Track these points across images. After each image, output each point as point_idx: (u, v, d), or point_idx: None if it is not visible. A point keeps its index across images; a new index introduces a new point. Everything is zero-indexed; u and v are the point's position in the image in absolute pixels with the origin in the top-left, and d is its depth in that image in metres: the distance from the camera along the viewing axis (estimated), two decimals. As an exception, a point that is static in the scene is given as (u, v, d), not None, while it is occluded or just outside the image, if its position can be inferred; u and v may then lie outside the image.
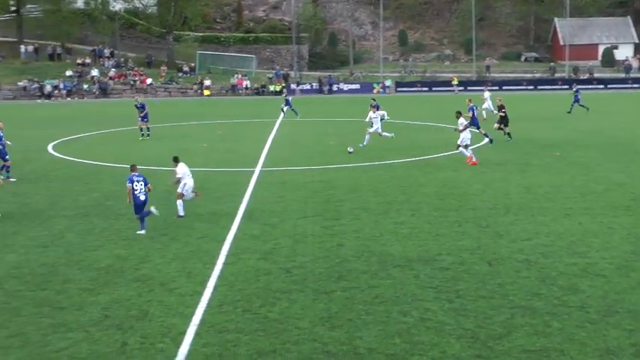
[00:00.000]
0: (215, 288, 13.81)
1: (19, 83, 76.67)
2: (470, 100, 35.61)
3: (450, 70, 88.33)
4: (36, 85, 75.79)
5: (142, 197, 18.30)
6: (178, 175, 19.81)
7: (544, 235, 17.36)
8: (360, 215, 19.76)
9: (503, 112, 34.78)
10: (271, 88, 79.11)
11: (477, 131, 33.71)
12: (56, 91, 75.18)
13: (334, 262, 15.45)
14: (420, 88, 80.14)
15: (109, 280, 14.48)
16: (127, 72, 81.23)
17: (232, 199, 22.08)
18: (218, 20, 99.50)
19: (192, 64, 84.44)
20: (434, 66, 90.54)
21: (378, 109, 39.61)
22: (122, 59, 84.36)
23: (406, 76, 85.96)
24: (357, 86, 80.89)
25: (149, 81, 78.92)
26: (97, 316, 12.43)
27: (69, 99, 74.65)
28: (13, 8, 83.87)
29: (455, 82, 78.04)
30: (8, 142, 26.89)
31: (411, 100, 70.37)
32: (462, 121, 28.79)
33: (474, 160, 28.16)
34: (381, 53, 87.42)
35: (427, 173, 26.20)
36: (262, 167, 28.35)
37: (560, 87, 77.02)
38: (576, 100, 49.28)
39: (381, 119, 35.25)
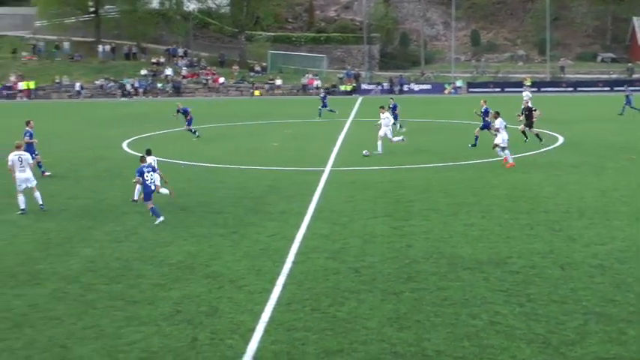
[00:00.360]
0: (284, 286, 13.90)
1: (97, 82, 78.61)
2: (485, 102, 34.77)
3: (523, 70, 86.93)
4: (112, 84, 77.57)
5: (153, 187, 19.53)
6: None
7: (619, 240, 16.92)
8: (429, 216, 19.62)
9: (531, 113, 34.22)
10: (342, 87, 79.17)
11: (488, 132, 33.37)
12: (132, 90, 76.82)
13: (403, 262, 15.38)
14: (492, 89, 79.08)
15: (179, 275, 14.71)
16: (200, 71, 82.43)
17: (302, 198, 22.18)
18: (290, 20, 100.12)
19: (264, 64, 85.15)
20: (506, 67, 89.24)
21: (395, 110, 39.51)
22: (195, 58, 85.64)
23: (478, 76, 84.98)
24: (428, 86, 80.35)
25: (221, 80, 79.90)
26: (169, 311, 12.65)
27: (143, 97, 76.14)
28: (91, 9, 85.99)
29: (527, 82, 76.76)
30: (35, 140, 27.22)
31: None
32: (501, 122, 28.41)
33: (510, 161, 27.75)
34: (452, 53, 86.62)
35: (499, 175, 25.85)
36: (332, 167, 28.40)
37: (638, 88, 74.97)
38: (628, 102, 47.98)
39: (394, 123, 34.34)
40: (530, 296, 13.06)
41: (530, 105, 34.48)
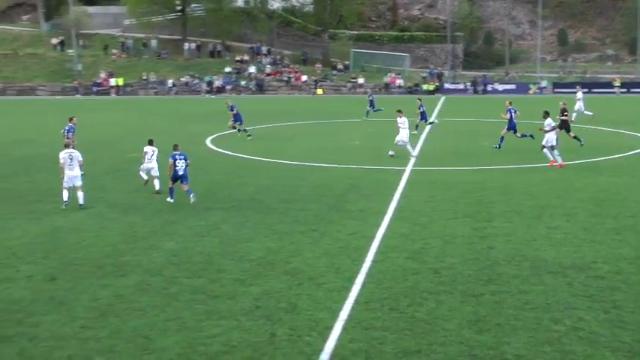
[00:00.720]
0: (363, 285, 13.90)
1: (182, 79, 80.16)
2: (510, 103, 33.78)
3: (613, 71, 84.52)
4: (197, 81, 78.99)
5: (181, 172, 21.50)
6: (144, 152, 23.56)
7: None
8: (512, 218, 19.31)
9: (565, 116, 33.32)
10: (424, 87, 78.60)
11: (514, 134, 32.75)
12: (219, 87, 78.05)
13: (484, 264, 15.18)
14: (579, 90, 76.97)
15: (260, 271, 14.87)
16: (283, 69, 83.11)
17: (382, 197, 22.13)
18: (373, 19, 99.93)
19: (347, 62, 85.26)
20: (594, 67, 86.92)
21: (422, 108, 38.90)
22: (278, 57, 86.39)
23: (565, 76, 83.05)
24: (513, 86, 78.95)
25: (304, 78, 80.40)
26: (248, 306, 12.81)
27: (226, 94, 77.27)
28: (178, 8, 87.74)
29: (617, 83, 74.60)
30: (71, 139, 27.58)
31: (569, 101, 67.82)
32: (550, 122, 27.69)
33: (559, 162, 27.22)
34: (538, 53, 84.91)
35: (584, 177, 25.23)
36: (413, 166, 28.24)
37: None
38: None
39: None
40: (615, 302, 12.71)
41: (564, 107, 33.53)
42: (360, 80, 79.58)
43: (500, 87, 79.17)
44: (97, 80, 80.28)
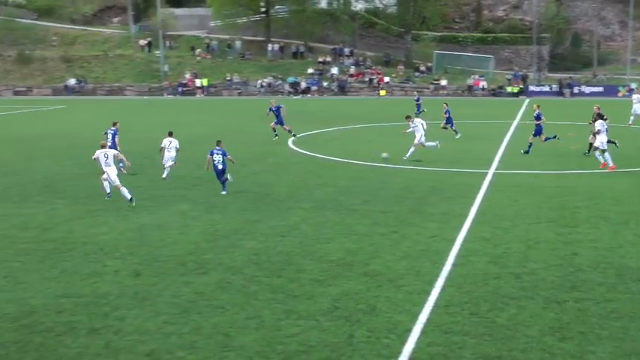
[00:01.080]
0: (443, 288, 13.78)
1: (265, 80, 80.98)
2: (538, 106, 32.81)
3: None
4: (280, 82, 79.68)
5: (220, 166, 23.31)
6: (162, 145, 25.67)
7: None
8: (598, 224, 18.82)
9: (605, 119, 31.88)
10: (508, 89, 77.31)
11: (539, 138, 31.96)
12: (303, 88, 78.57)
13: (568, 270, 14.84)
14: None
15: (339, 272, 14.91)
16: (365, 70, 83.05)
17: (464, 200, 21.89)
18: (457, 20, 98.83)
19: (429, 64, 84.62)
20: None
21: (448, 114, 38.05)
22: (361, 58, 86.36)
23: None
24: (600, 89, 76.81)
25: (386, 79, 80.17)
26: (327, 307, 12.85)
27: (309, 96, 77.69)
28: (262, 9, 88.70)
29: None
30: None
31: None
32: (601, 124, 26.82)
33: (610, 164, 26.63)
34: (628, 54, 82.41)
35: (675, 183, 24.40)
36: (496, 169, 27.83)
37: None
38: None
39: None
40: None
41: (600, 112, 31.98)
42: (443, 82, 78.83)
43: (587, 89, 77.15)
44: (183, 81, 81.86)
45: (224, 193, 23.33)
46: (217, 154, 23.43)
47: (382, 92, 77.42)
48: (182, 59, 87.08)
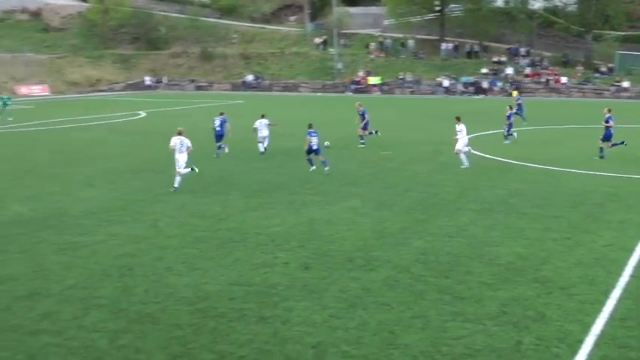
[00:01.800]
0: (619, 300, 13.15)
1: (437, 79, 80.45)
2: (609, 110, 31.24)
3: None
4: (453, 82, 78.86)
5: (315, 147, 26.61)
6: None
7: None
8: None
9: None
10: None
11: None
12: (469, 88, 77.48)
13: None
14: None
15: (508, 277, 14.58)
16: (542, 71, 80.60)
17: (644, 209, 20.79)
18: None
19: (611, 65, 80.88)
20: None
21: (510, 119, 36.05)
22: (537, 58, 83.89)
23: None
24: None
25: (563, 80, 77.46)
26: (495, 311, 12.61)
27: (482, 96, 76.38)
28: (437, 8, 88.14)
29: None
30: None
31: None
32: None
33: None
34: None
35: None
36: (681, 177, 26.21)
37: None
38: None
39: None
40: None
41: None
42: (625, 84, 75.08)
43: None
44: (356, 79, 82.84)
45: (314, 168, 26.71)
46: (314, 136, 26.62)
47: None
48: (356, 57, 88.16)
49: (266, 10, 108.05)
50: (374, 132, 35.42)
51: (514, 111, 38.74)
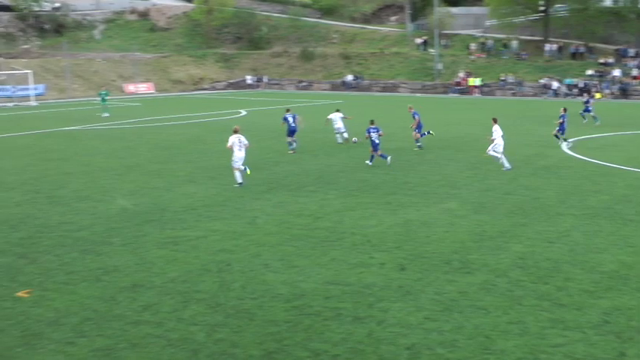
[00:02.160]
0: None
1: (540, 81, 78.66)
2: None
3: None
4: (556, 84, 76.93)
5: (377, 141, 28.19)
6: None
7: None
8: None
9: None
10: None
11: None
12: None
13: None
14: None
15: (611, 285, 14.11)
16: (652, 73, 77.74)
17: None
18: None
19: None
20: None
21: (563, 118, 34.73)
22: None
23: None
24: None
25: (674, 83, 74.54)
26: (596, 320, 12.23)
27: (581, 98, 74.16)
28: (541, 8, 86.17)
29: None
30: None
31: None
32: None
33: None
34: None
35: None
36: None
37: None
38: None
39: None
40: None
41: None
42: None
43: None
44: (457, 80, 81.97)
45: (388, 161, 28.34)
46: (374, 132, 28.09)
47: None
48: (456, 58, 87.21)
49: (366, 10, 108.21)
50: (427, 133, 34.63)
51: (567, 113, 36.87)
